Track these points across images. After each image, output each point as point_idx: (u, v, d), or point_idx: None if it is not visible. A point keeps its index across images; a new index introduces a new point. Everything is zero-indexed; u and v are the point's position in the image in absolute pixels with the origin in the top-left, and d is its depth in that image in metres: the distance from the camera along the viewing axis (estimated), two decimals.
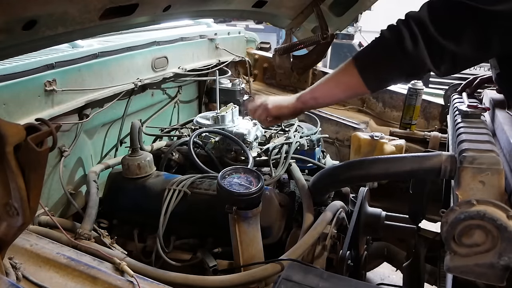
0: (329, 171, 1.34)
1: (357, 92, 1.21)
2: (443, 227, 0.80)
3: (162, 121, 2.18)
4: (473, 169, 0.91)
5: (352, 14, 2.38)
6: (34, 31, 0.99)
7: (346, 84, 1.15)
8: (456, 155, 1.02)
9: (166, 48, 2.00)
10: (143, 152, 1.50)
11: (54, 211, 1.44)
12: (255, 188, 1.13)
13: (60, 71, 1.44)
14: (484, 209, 0.76)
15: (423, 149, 2.08)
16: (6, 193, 0.68)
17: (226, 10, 1.85)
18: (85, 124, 1.58)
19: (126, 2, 1.17)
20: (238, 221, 1.14)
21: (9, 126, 0.63)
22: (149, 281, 0.92)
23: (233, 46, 2.61)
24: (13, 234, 0.74)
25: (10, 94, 1.26)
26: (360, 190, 1.49)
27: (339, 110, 2.46)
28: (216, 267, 1.26)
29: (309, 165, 1.67)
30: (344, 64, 1.13)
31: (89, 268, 0.91)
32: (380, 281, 2.57)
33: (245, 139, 1.66)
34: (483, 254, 0.78)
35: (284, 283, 0.77)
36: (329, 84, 1.19)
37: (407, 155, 1.14)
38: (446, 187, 1.50)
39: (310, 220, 1.29)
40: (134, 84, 1.77)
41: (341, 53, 7.05)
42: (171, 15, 1.49)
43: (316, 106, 1.39)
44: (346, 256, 1.16)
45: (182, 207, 1.34)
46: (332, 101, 1.32)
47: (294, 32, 2.41)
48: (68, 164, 1.55)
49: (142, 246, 1.40)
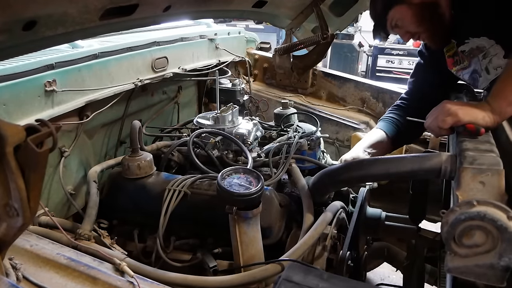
0: (329, 171, 1.34)
1: None
2: (444, 227, 0.80)
3: (162, 121, 2.18)
4: (473, 169, 0.91)
5: (352, 14, 2.39)
6: (34, 32, 0.99)
7: None
8: (456, 156, 1.02)
9: (166, 48, 2.00)
10: (143, 152, 1.50)
11: (54, 211, 1.44)
12: (255, 189, 1.13)
13: (60, 72, 1.44)
14: (485, 210, 0.76)
15: (423, 150, 2.07)
16: (6, 193, 0.68)
17: (226, 10, 1.86)
18: (85, 125, 1.58)
19: (126, 3, 1.17)
20: (238, 221, 1.14)
21: (9, 127, 0.63)
22: (149, 281, 0.91)
23: (233, 46, 2.61)
24: (13, 234, 0.74)
25: (10, 95, 1.26)
26: (360, 191, 1.49)
27: (339, 110, 2.46)
28: (216, 267, 1.26)
29: (310, 165, 1.67)
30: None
31: (89, 268, 0.91)
32: (380, 281, 2.57)
33: (245, 139, 1.66)
34: (483, 254, 0.78)
35: (284, 283, 0.77)
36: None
37: (407, 156, 1.14)
38: (446, 188, 1.50)
39: (310, 221, 1.29)
40: (134, 84, 1.77)
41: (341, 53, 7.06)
42: (171, 15, 1.49)
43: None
44: (346, 256, 1.16)
45: (182, 207, 1.34)
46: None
47: (294, 32, 2.41)
48: (68, 165, 1.55)
49: (142, 246, 1.40)
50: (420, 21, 1.40)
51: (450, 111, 1.14)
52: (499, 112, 1.11)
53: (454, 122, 1.13)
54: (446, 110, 1.16)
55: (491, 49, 1.36)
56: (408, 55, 6.96)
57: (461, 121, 1.11)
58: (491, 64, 1.38)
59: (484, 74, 1.42)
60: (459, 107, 1.14)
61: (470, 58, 1.44)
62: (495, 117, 1.11)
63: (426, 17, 1.39)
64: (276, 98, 2.58)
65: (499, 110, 1.11)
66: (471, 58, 1.44)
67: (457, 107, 1.14)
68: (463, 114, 1.12)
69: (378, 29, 1.52)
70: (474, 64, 1.44)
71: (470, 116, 1.11)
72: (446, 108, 1.16)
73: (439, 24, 1.41)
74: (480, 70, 1.43)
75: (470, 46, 1.43)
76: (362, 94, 2.46)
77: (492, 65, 1.38)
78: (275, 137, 1.84)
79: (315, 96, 2.62)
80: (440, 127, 1.18)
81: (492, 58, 1.37)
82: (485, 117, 1.11)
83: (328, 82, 2.59)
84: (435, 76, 1.64)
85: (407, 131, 1.63)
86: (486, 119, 1.11)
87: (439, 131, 1.20)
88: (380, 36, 1.56)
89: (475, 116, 1.11)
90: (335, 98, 2.57)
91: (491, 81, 1.38)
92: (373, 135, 1.64)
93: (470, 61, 1.45)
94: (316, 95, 2.63)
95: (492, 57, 1.37)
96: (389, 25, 1.46)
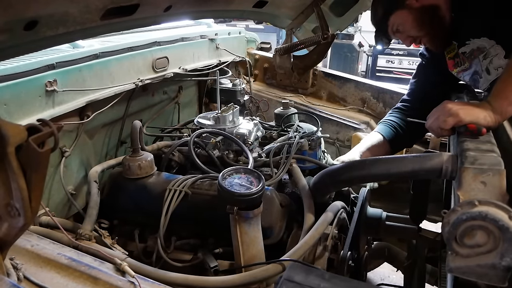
0: (330, 171, 1.34)
1: None
2: (445, 227, 0.80)
3: (162, 121, 2.18)
4: (475, 169, 0.91)
5: (352, 14, 2.39)
6: (35, 32, 0.99)
7: None
8: (457, 156, 1.02)
9: (166, 48, 2.00)
10: (143, 152, 1.50)
11: (55, 211, 1.44)
12: (256, 189, 1.13)
13: (61, 72, 1.44)
14: (486, 210, 0.76)
15: (424, 150, 2.07)
16: (7, 193, 0.68)
17: (227, 10, 1.86)
18: (86, 125, 1.58)
19: (127, 3, 1.17)
20: (239, 221, 1.14)
21: (11, 127, 0.63)
22: (150, 281, 0.91)
23: (234, 46, 2.61)
24: (14, 234, 0.74)
25: (11, 95, 1.26)
26: (361, 191, 1.49)
27: (340, 110, 2.46)
28: (217, 267, 1.26)
29: (310, 165, 1.66)
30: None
31: (90, 268, 0.91)
32: (381, 281, 2.57)
33: (246, 139, 1.66)
34: (485, 254, 0.78)
35: (286, 283, 0.77)
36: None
37: (408, 156, 1.14)
38: (447, 188, 1.50)
39: (311, 221, 1.29)
40: (135, 84, 1.77)
41: (341, 53, 7.06)
42: (172, 15, 1.49)
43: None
44: (347, 256, 1.16)
45: (183, 207, 1.33)
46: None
47: (294, 32, 2.41)
48: (69, 165, 1.55)
49: (143, 246, 1.40)
50: (421, 25, 1.40)
51: (451, 112, 1.14)
52: (500, 111, 1.11)
53: (456, 122, 1.13)
54: (447, 110, 1.15)
55: (491, 50, 1.37)
56: (408, 55, 6.96)
57: (462, 121, 1.11)
58: (492, 64, 1.38)
59: (485, 75, 1.42)
60: (460, 107, 1.14)
61: (470, 60, 1.45)
62: (496, 116, 1.11)
63: (426, 20, 1.39)
64: (277, 98, 2.58)
65: (500, 109, 1.11)
66: (471, 59, 1.44)
67: (458, 107, 1.14)
68: (464, 114, 1.12)
69: (379, 35, 1.52)
70: (475, 65, 1.44)
71: (472, 116, 1.11)
72: (447, 109, 1.16)
73: (440, 27, 1.41)
74: (480, 71, 1.43)
75: (471, 47, 1.43)
76: (363, 94, 2.46)
77: (492, 66, 1.38)
78: (275, 137, 1.84)
79: (316, 96, 2.62)
80: (441, 127, 1.18)
81: (493, 59, 1.37)
82: (486, 117, 1.11)
83: (329, 82, 2.59)
84: (436, 76, 1.65)
85: (408, 133, 1.63)
86: (487, 119, 1.10)
87: (440, 131, 1.20)
88: (382, 42, 1.56)
89: (477, 116, 1.10)
90: (336, 98, 2.57)
91: (492, 81, 1.38)
92: (370, 139, 1.64)
93: (471, 63, 1.45)
94: (316, 95, 2.63)
95: (492, 58, 1.37)
96: (391, 30, 1.47)
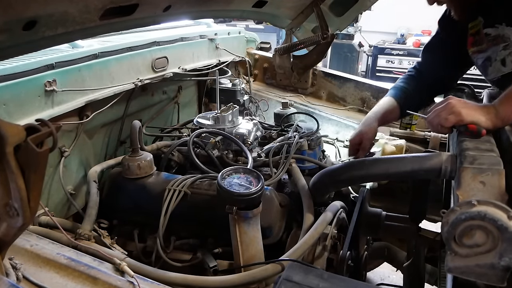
0: (330, 171, 1.34)
1: None
2: (444, 227, 0.80)
3: (162, 121, 2.17)
4: (474, 169, 0.91)
5: (352, 14, 2.39)
6: (34, 31, 0.99)
7: None
8: (456, 155, 1.02)
9: (166, 48, 2.00)
10: (143, 152, 1.50)
11: (54, 211, 1.44)
12: (255, 188, 1.13)
13: (60, 71, 1.44)
14: (485, 210, 0.76)
15: (423, 149, 2.07)
16: (6, 193, 0.68)
17: (226, 10, 1.86)
18: (85, 124, 1.58)
19: (127, 2, 1.17)
20: (239, 221, 1.14)
21: (9, 127, 0.63)
22: (149, 281, 0.92)
23: (233, 46, 2.61)
24: (13, 234, 0.74)
25: (10, 94, 1.26)
26: (361, 190, 1.49)
27: (339, 110, 2.46)
28: (216, 267, 1.26)
29: (310, 165, 1.67)
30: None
31: (89, 268, 0.91)
32: (380, 281, 2.57)
33: (245, 139, 1.66)
34: (484, 254, 0.78)
35: (285, 283, 0.77)
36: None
37: (407, 156, 1.14)
38: (447, 187, 1.50)
39: (311, 221, 1.29)
40: (134, 84, 1.77)
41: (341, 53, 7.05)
42: (172, 15, 1.49)
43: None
44: (346, 256, 1.16)
45: (182, 207, 1.33)
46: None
47: (294, 32, 2.41)
48: (68, 164, 1.55)
49: (142, 246, 1.40)
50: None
51: (453, 110, 1.12)
52: (503, 117, 1.10)
53: (457, 121, 1.11)
54: (450, 107, 1.13)
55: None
56: (408, 55, 6.95)
57: (463, 121, 1.10)
58: (510, 57, 1.30)
59: (498, 65, 1.34)
60: (463, 106, 1.12)
61: (490, 44, 1.35)
62: (498, 121, 1.10)
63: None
64: (276, 98, 2.58)
65: (504, 115, 1.10)
66: (492, 44, 1.35)
67: (461, 106, 1.12)
68: (466, 114, 1.10)
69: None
70: (491, 51, 1.35)
71: (473, 117, 1.09)
72: (450, 106, 1.14)
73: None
74: (493, 59, 1.35)
75: (498, 32, 1.32)
76: (362, 94, 2.46)
77: (510, 58, 1.30)
78: (275, 137, 1.84)
79: (315, 96, 2.62)
80: (442, 124, 1.16)
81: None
82: (488, 120, 1.09)
83: (328, 82, 2.59)
84: (452, 58, 1.56)
85: (416, 100, 1.59)
86: (488, 121, 1.09)
87: (440, 129, 1.18)
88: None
89: (478, 117, 1.09)
90: (335, 98, 2.57)
91: (504, 75, 1.32)
92: (384, 104, 1.61)
93: (489, 47, 1.36)
94: (316, 95, 2.63)
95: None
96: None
